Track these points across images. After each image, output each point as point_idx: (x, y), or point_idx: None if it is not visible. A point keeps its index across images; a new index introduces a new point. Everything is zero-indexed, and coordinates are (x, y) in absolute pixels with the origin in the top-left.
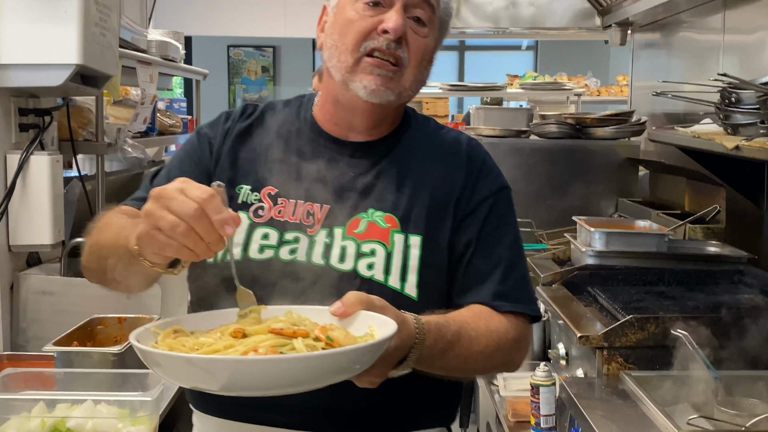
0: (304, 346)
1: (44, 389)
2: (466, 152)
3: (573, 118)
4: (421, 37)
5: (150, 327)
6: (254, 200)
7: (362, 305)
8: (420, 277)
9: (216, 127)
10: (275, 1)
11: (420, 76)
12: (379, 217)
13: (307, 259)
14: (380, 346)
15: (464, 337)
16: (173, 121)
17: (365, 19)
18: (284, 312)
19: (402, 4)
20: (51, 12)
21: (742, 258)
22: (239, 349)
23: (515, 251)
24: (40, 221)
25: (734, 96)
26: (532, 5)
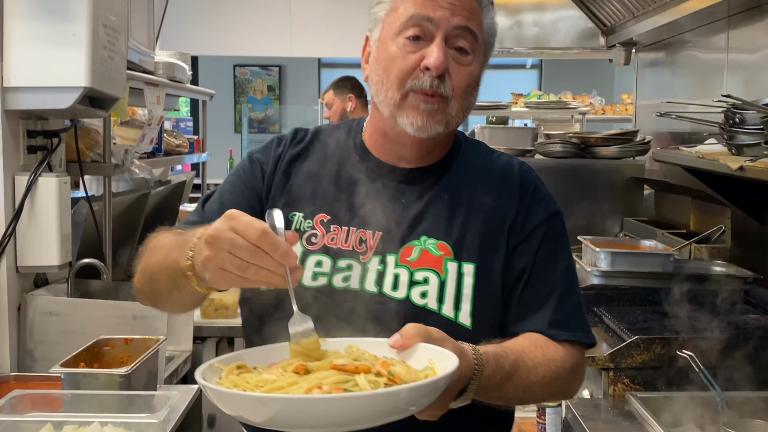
0: (367, 382)
1: (51, 411)
2: (518, 177)
3: (577, 137)
4: (465, 66)
5: (214, 362)
6: (307, 227)
7: (421, 337)
8: (474, 306)
9: (267, 153)
10: (281, 21)
11: (466, 103)
12: (432, 245)
13: (360, 286)
14: (443, 382)
15: (522, 367)
16: (179, 141)
17: (407, 57)
18: (343, 345)
19: (443, 37)
20: (59, 35)
21: (747, 278)
22: (303, 386)
23: (569, 278)
24: (48, 243)
25: (738, 116)
26: (536, 25)
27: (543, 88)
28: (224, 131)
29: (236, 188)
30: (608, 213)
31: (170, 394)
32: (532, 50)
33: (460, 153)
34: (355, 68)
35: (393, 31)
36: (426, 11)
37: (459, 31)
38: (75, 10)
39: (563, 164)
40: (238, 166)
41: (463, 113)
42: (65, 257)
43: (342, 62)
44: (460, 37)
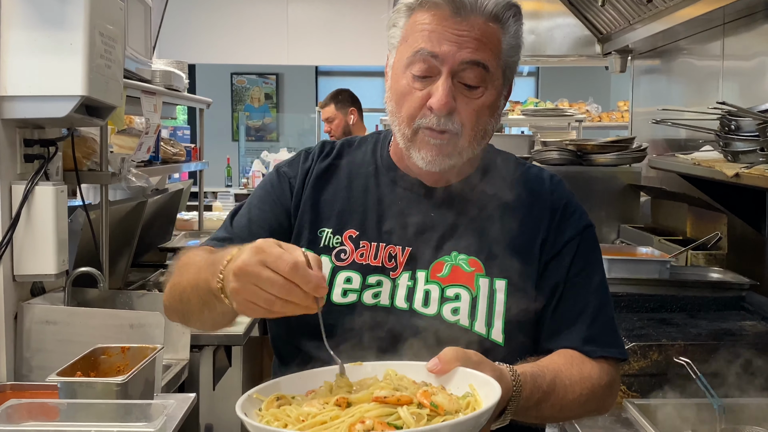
0: (410, 415)
1: (48, 420)
2: (549, 190)
3: (574, 144)
4: (475, 99)
5: (252, 393)
6: (336, 243)
7: (459, 361)
8: (506, 323)
9: (295, 167)
10: (278, 29)
11: (479, 133)
12: (463, 261)
13: (390, 302)
14: (487, 415)
15: (559, 387)
16: (176, 149)
17: (414, 94)
18: (381, 369)
19: (448, 74)
20: (56, 44)
21: (744, 284)
22: (346, 421)
23: (603, 292)
24: (45, 251)
25: (734, 123)
26: (533, 33)
27: (540, 95)
28: (222, 139)
29: (264, 203)
30: (605, 220)
31: (167, 403)
32: (529, 58)
33: (490, 167)
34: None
35: (402, 63)
36: (432, 46)
37: (466, 65)
38: (71, 19)
39: (560, 171)
40: (266, 180)
41: (477, 141)
42: (62, 266)
43: (339, 70)
44: (468, 70)
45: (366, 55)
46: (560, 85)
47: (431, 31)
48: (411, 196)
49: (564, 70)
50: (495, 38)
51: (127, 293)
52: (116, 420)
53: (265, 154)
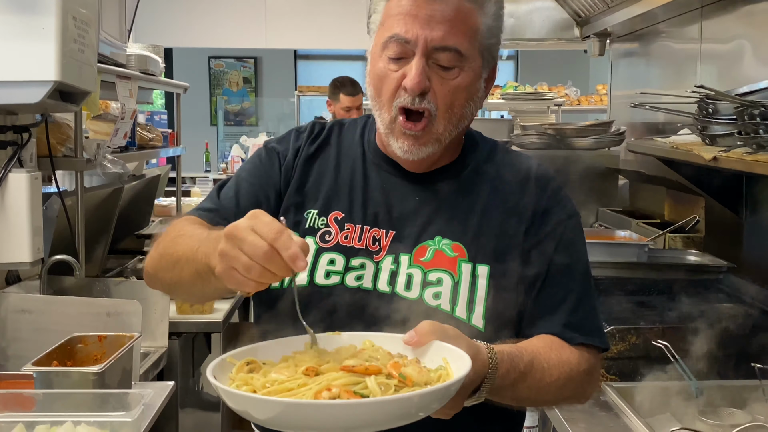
0: (377, 385)
1: (23, 411)
2: (534, 178)
3: (553, 128)
4: (450, 80)
5: (226, 357)
6: (321, 225)
7: (436, 335)
8: (487, 308)
9: (286, 143)
10: (256, 13)
11: (456, 115)
12: (447, 246)
13: (372, 285)
14: (454, 387)
15: (536, 368)
16: (153, 134)
17: (390, 76)
18: (360, 339)
19: (421, 56)
20: (28, 29)
21: (721, 267)
22: (313, 388)
23: (585, 280)
24: (19, 239)
25: (711, 107)
26: (512, 16)
27: (519, 79)
28: (200, 124)
29: (252, 177)
30: (584, 203)
31: (144, 392)
32: (508, 41)
33: (476, 152)
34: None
35: (379, 47)
36: (404, 31)
37: (438, 49)
38: (43, 3)
39: (539, 155)
40: (254, 156)
41: (453, 125)
42: (37, 254)
43: (318, 54)
44: (440, 53)
45: (345, 39)
46: (539, 69)
47: (405, 14)
48: (396, 180)
49: (543, 53)
50: (470, 19)
51: (104, 281)
52: (93, 410)
53: (244, 139)
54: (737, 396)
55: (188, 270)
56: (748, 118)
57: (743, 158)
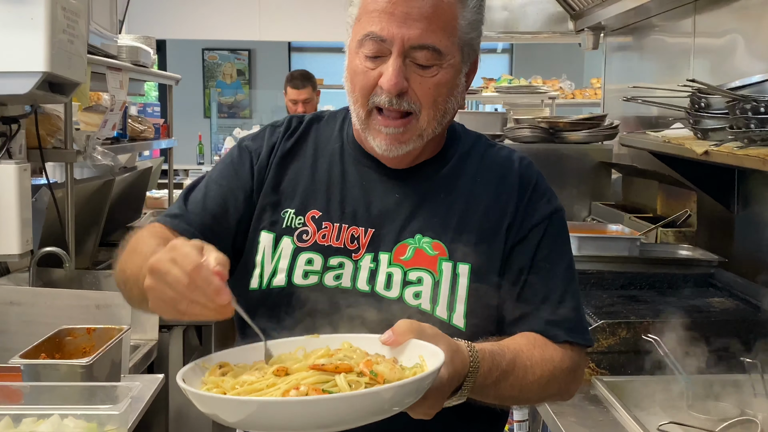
0: (347, 382)
1: (10, 403)
2: (517, 173)
3: (546, 122)
4: (429, 78)
5: (199, 362)
6: (298, 224)
7: (413, 334)
8: (468, 307)
9: (260, 141)
10: (250, 5)
11: (439, 111)
12: (427, 244)
13: (352, 284)
14: (426, 381)
15: (519, 366)
16: (145, 126)
17: (367, 74)
18: (338, 340)
19: (398, 55)
20: (17, 19)
21: (713, 261)
22: (281, 387)
23: (569, 277)
24: (8, 231)
25: (704, 101)
26: (506, 9)
27: (514, 72)
28: (193, 116)
29: (223, 178)
30: (577, 197)
31: (132, 385)
32: (502, 34)
33: (457, 147)
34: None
35: (355, 44)
36: (380, 29)
37: (416, 48)
38: None
39: (532, 149)
40: (227, 155)
41: (438, 120)
42: (26, 246)
43: (312, 46)
44: (418, 51)
45: (339, 31)
46: (534, 62)
47: (381, 11)
48: (375, 176)
49: (538, 46)
50: (449, 14)
51: (93, 273)
52: (81, 403)
53: (238, 131)
54: (727, 390)
55: (135, 290)
56: (739, 112)
57: (734, 152)
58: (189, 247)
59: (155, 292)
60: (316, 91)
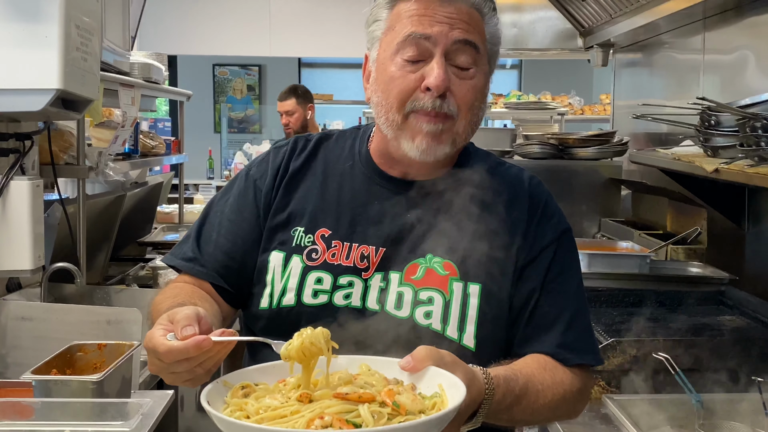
0: (370, 414)
1: (21, 419)
2: (527, 193)
3: (556, 138)
4: (468, 81)
5: (221, 380)
6: (308, 243)
7: (432, 361)
8: (478, 328)
9: (264, 166)
10: (260, 21)
11: (474, 118)
12: (438, 264)
13: (361, 304)
14: (448, 417)
15: (531, 391)
16: (156, 142)
17: (407, 77)
18: (355, 363)
19: (442, 54)
20: (31, 37)
21: (723, 279)
22: (306, 415)
23: (579, 298)
24: (20, 247)
25: (714, 119)
26: (515, 26)
27: (523, 88)
28: (203, 131)
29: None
30: (586, 214)
31: (143, 402)
32: (511, 51)
33: (468, 166)
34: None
35: (391, 51)
36: (423, 29)
37: (459, 45)
38: (46, 11)
39: (542, 165)
40: (236, 183)
41: (471, 129)
42: (38, 261)
43: (322, 62)
44: (460, 51)
45: (349, 47)
46: (543, 78)
47: (420, 15)
48: (386, 194)
49: (547, 63)
50: (479, 23)
51: (104, 289)
52: (91, 419)
53: (248, 146)
54: (738, 409)
55: None
56: (750, 130)
57: (745, 170)
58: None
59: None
60: (307, 105)
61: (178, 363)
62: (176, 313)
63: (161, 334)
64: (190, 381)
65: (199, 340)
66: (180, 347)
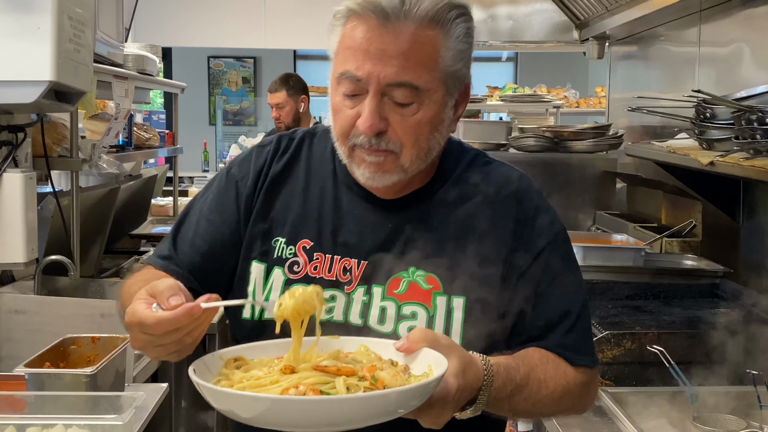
0: (344, 386)
1: (14, 413)
2: (515, 196)
3: (551, 131)
4: (409, 117)
5: (218, 354)
6: (289, 255)
7: (427, 342)
8: (464, 341)
9: (246, 165)
10: (256, 13)
11: (422, 149)
12: (421, 277)
13: (344, 318)
14: (414, 392)
15: (533, 380)
16: (150, 134)
17: (345, 112)
18: (355, 343)
19: (375, 95)
20: (24, 28)
21: (718, 272)
22: (283, 385)
23: (579, 298)
24: (13, 239)
25: (709, 111)
26: (511, 19)
27: (518, 81)
28: (198, 123)
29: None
30: (581, 207)
31: (136, 395)
32: (507, 44)
33: (452, 171)
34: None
35: (334, 78)
36: (355, 68)
37: (393, 86)
38: (39, 3)
39: (537, 158)
40: (216, 182)
41: (423, 157)
42: (31, 254)
43: (317, 54)
44: (396, 90)
45: None
46: (539, 71)
47: (356, 49)
48: (368, 205)
49: (543, 55)
50: (429, 48)
51: (98, 281)
52: (84, 412)
53: (243, 139)
54: (732, 402)
55: None
56: (745, 123)
57: (740, 163)
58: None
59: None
60: (299, 97)
61: (167, 334)
62: (156, 285)
63: (144, 307)
64: (176, 353)
65: (189, 308)
66: (170, 317)
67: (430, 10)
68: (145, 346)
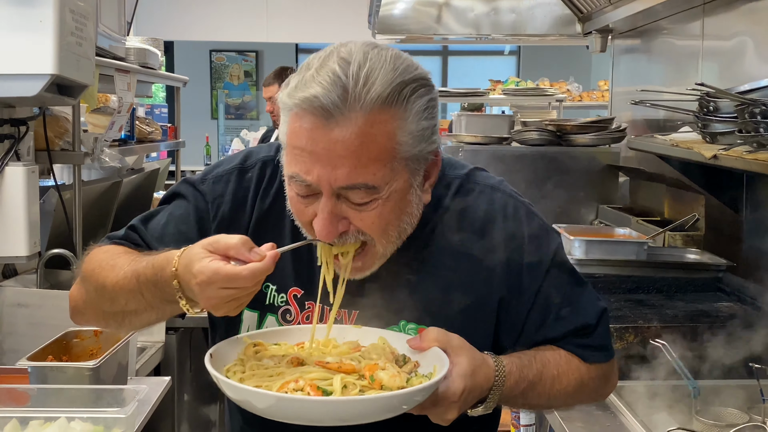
0: (342, 384)
1: (17, 405)
2: (504, 228)
3: (553, 125)
4: (370, 212)
5: (241, 336)
6: (281, 302)
7: (439, 343)
8: None
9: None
10: (258, 6)
11: (393, 234)
12: (412, 331)
13: None
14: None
15: (546, 377)
16: (152, 128)
17: (301, 209)
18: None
19: (328, 197)
20: (26, 21)
21: (721, 265)
22: (286, 377)
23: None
24: (16, 233)
25: (712, 105)
26: (513, 12)
27: (521, 74)
28: (200, 117)
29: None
30: (584, 200)
31: (139, 388)
32: (510, 37)
33: (437, 215)
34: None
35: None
36: (304, 173)
37: (347, 189)
38: None
39: (539, 152)
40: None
41: (396, 240)
42: (34, 248)
43: (319, 47)
44: (350, 191)
45: (347, 33)
46: (541, 64)
47: (302, 149)
48: None
49: (545, 48)
50: (383, 138)
51: None
52: (87, 405)
53: (245, 133)
54: (735, 396)
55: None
56: (748, 116)
57: (743, 157)
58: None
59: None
60: None
61: (256, 284)
62: (218, 241)
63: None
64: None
65: (275, 254)
66: (263, 267)
67: (381, 93)
68: (222, 301)
